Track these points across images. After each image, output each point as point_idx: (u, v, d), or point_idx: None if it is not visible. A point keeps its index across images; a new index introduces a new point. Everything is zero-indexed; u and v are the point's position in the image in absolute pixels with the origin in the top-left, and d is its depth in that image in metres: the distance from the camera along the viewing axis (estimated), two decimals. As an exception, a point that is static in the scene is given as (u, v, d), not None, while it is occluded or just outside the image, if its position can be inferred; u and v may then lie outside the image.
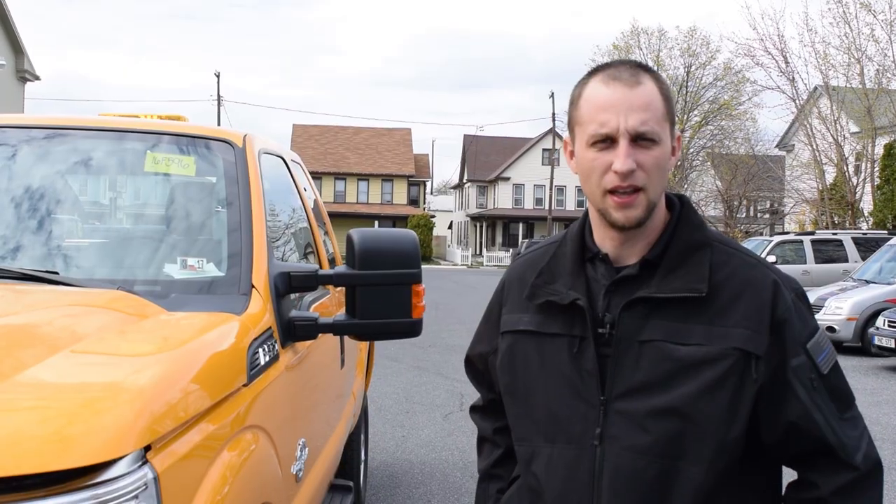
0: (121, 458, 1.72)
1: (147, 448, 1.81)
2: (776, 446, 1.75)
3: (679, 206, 1.82)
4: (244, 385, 2.43)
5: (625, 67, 1.73)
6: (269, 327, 2.80)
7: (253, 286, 2.87)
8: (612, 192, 1.70)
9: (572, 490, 1.74)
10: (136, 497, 1.74)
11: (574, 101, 1.78)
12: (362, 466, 5.58)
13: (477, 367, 2.13)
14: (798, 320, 1.72)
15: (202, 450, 2.07)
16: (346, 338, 4.23)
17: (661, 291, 1.71)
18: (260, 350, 2.62)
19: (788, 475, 1.83)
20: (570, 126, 1.80)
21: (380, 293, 2.93)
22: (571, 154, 1.82)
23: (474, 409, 2.21)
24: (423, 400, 10.06)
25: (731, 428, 1.67)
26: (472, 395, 8.70)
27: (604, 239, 1.80)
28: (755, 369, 1.67)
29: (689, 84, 51.76)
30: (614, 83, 1.70)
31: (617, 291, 1.75)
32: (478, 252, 66.41)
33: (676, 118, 1.83)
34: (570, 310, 1.77)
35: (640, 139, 1.68)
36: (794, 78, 35.89)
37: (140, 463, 1.78)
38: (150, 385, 1.93)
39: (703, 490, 1.67)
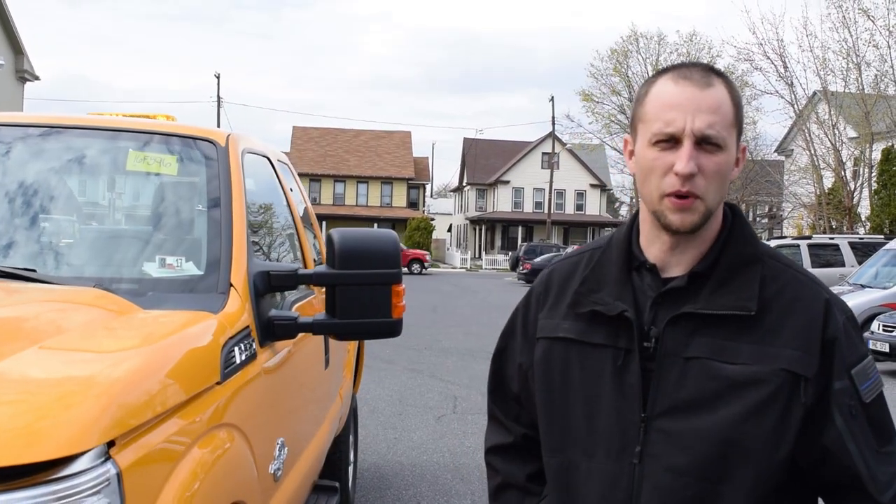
0: (83, 454, 1.72)
1: (111, 444, 1.81)
2: (809, 473, 1.69)
3: (731, 217, 1.76)
4: (217, 383, 2.42)
5: (697, 69, 1.68)
6: (247, 326, 2.79)
7: (231, 285, 2.87)
8: (671, 195, 1.64)
9: None
10: (97, 493, 1.74)
11: (640, 99, 1.73)
12: (351, 468, 5.57)
13: (509, 389, 1.99)
14: (847, 343, 1.66)
15: (170, 446, 2.07)
16: (331, 339, 4.24)
17: (710, 308, 1.65)
18: (236, 348, 2.62)
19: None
20: (633, 124, 1.74)
21: (360, 293, 2.93)
22: (631, 153, 1.76)
23: (495, 451, 2.03)
24: (416, 402, 10.05)
25: (777, 453, 1.61)
26: (466, 397, 8.75)
27: (652, 243, 1.74)
28: (804, 392, 1.61)
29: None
30: (684, 82, 1.64)
31: (663, 304, 1.69)
32: (477, 255, 66.39)
33: None
34: (617, 321, 1.71)
35: (704, 142, 1.62)
36: (792, 83, 35.99)
37: (103, 459, 1.77)
38: (116, 381, 1.93)
39: None
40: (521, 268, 43.29)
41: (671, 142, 1.63)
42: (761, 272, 1.69)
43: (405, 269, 39.62)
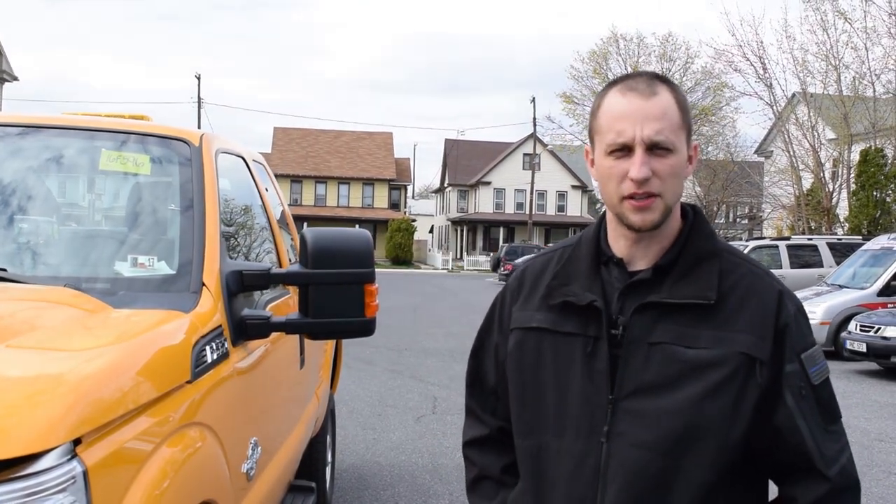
0: (48, 452, 1.73)
1: (77, 442, 1.81)
2: (762, 455, 1.80)
3: (692, 216, 1.89)
4: (188, 382, 2.42)
5: (642, 79, 1.79)
6: (219, 325, 2.80)
7: (204, 284, 2.87)
8: (629, 197, 1.75)
9: (578, 483, 1.79)
10: (63, 490, 1.74)
11: (594, 112, 1.85)
12: (328, 468, 5.57)
13: (487, 383, 2.07)
14: (797, 330, 1.79)
15: (139, 445, 2.07)
16: (307, 339, 4.24)
17: (672, 297, 1.77)
18: (207, 348, 2.62)
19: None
20: (591, 136, 1.86)
21: (333, 292, 2.94)
22: (592, 162, 1.87)
23: (472, 444, 2.11)
24: (395, 403, 10.05)
25: (733, 430, 1.72)
26: (446, 398, 8.76)
27: (618, 239, 1.86)
28: (759, 373, 1.73)
29: (668, 90, 51.96)
30: (630, 94, 1.76)
31: (630, 295, 1.80)
32: (458, 256, 66.41)
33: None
34: (587, 311, 1.81)
35: (655, 148, 1.73)
36: (771, 84, 36.13)
37: (69, 457, 1.78)
38: (84, 379, 1.93)
39: (704, 488, 1.73)
40: (502, 269, 43.37)
41: (624, 150, 1.75)
42: (720, 265, 1.81)
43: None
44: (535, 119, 58.50)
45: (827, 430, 1.79)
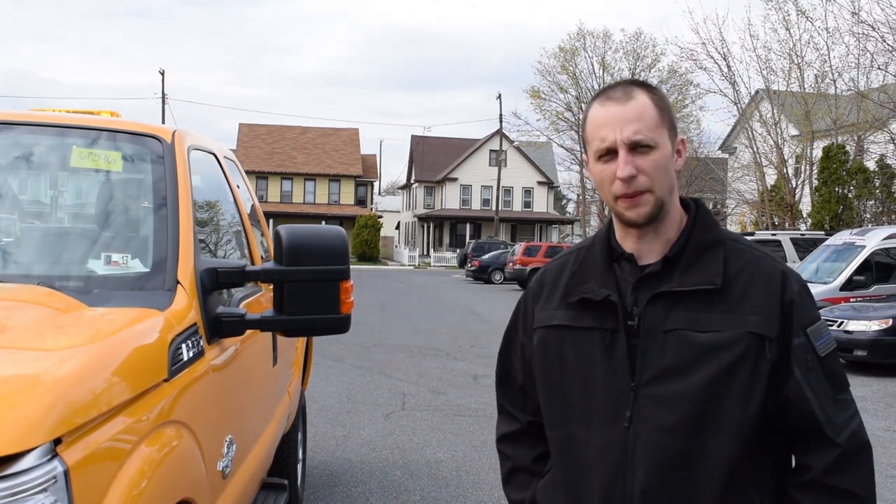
0: (28, 452, 1.72)
1: (58, 441, 1.80)
2: (776, 422, 1.90)
3: (695, 209, 2.01)
4: (165, 380, 2.42)
5: (619, 87, 1.94)
6: (195, 323, 2.79)
7: (178, 282, 2.86)
8: (622, 196, 1.89)
9: (607, 469, 1.90)
10: (44, 490, 1.73)
11: (582, 124, 2.01)
12: (300, 465, 5.56)
13: (515, 381, 2.20)
14: (802, 306, 1.90)
15: (117, 444, 2.06)
16: (280, 336, 4.23)
17: (682, 285, 1.89)
18: (183, 346, 2.61)
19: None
20: (584, 145, 2.01)
21: (308, 289, 2.93)
22: (590, 171, 2.01)
23: (505, 438, 2.25)
24: (365, 399, 10.04)
25: (749, 406, 1.83)
26: (415, 394, 8.79)
27: (625, 237, 1.99)
28: (769, 350, 1.84)
29: (633, 86, 52.27)
30: (608, 102, 1.91)
31: (643, 287, 1.93)
32: (425, 252, 66.41)
33: None
34: (603, 305, 1.94)
35: (637, 147, 1.87)
36: (735, 82, 36.46)
37: (49, 456, 1.77)
38: (62, 379, 1.92)
39: (728, 463, 1.83)
40: (469, 265, 43.39)
41: (610, 154, 1.90)
42: (724, 252, 1.94)
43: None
44: (501, 115, 58.76)
45: (835, 399, 1.90)
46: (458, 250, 58.38)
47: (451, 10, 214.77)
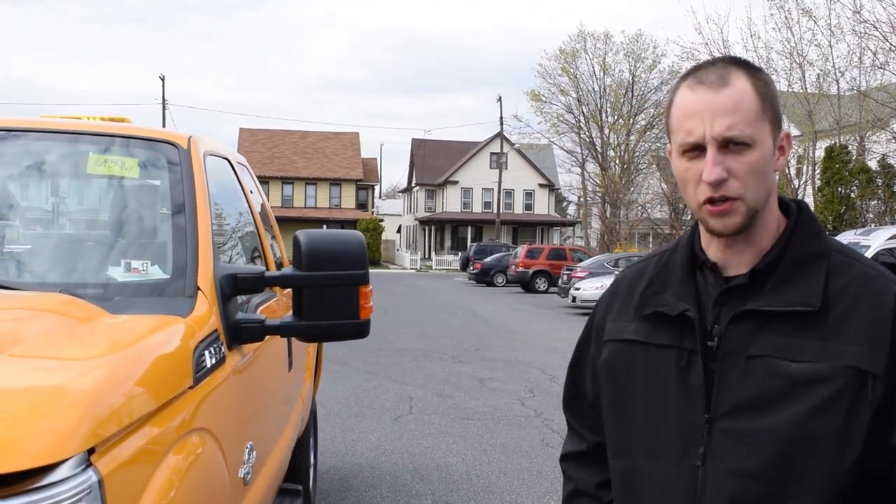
0: (63, 462, 1.70)
1: (91, 451, 1.79)
2: (880, 479, 1.58)
3: (796, 213, 1.70)
4: (190, 388, 2.40)
5: (713, 68, 1.63)
6: (216, 330, 2.77)
7: (199, 288, 2.84)
8: (707, 202, 1.60)
9: None
10: (79, 500, 1.71)
11: (667, 108, 1.71)
12: (312, 470, 5.55)
13: (585, 398, 1.94)
14: None
15: (147, 453, 2.04)
16: (294, 341, 4.22)
17: (772, 304, 1.59)
18: (206, 352, 2.60)
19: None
20: (668, 133, 1.72)
21: (327, 294, 2.91)
22: (673, 164, 1.74)
23: (570, 458, 2.01)
24: (372, 403, 10.04)
25: (845, 454, 1.53)
26: (422, 397, 8.76)
27: (709, 244, 1.71)
28: (871, 389, 1.53)
29: (634, 88, 52.42)
30: (699, 87, 1.61)
31: (726, 302, 1.65)
32: (427, 256, 66.40)
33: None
34: (680, 321, 1.67)
35: (730, 144, 1.57)
36: (737, 82, 36.40)
37: (84, 466, 1.75)
38: (93, 388, 1.91)
39: None
40: (471, 268, 43.39)
41: (697, 150, 1.60)
42: (827, 267, 1.63)
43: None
44: (501, 118, 58.86)
45: None
46: (459, 253, 58.42)
47: (450, 12, 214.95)
